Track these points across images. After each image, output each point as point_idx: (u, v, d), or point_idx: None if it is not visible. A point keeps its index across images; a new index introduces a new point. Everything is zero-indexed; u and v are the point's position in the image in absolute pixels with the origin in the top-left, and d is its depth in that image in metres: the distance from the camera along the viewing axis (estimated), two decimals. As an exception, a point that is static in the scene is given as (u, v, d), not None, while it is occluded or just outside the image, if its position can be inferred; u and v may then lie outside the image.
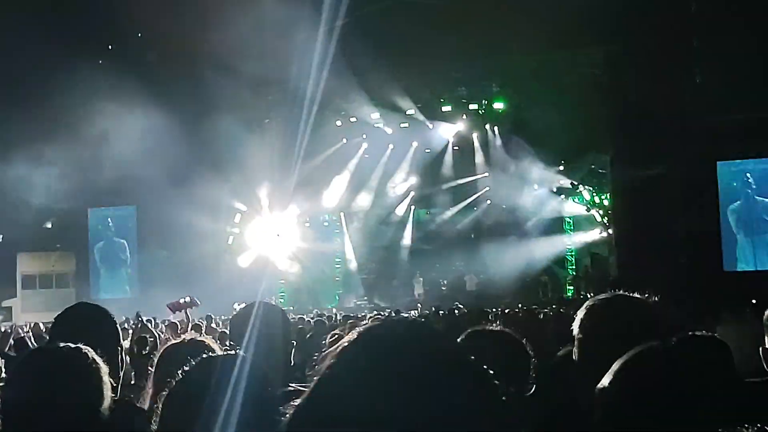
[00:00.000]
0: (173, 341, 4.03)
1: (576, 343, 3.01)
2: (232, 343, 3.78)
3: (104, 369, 2.84)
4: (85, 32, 24.39)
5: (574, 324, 3.04)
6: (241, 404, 2.32)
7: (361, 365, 1.38)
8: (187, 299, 16.42)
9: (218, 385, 2.35)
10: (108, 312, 3.82)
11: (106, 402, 2.85)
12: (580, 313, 3.03)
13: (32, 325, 16.75)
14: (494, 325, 5.03)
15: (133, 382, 7.88)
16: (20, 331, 15.31)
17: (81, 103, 24.83)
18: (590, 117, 26.03)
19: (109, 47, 26.50)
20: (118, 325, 3.75)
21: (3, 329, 17.90)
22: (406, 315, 13.50)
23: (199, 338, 4.01)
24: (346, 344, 1.44)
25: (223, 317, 19.67)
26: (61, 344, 2.87)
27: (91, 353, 2.84)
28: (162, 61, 25.98)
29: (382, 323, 1.48)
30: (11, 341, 14.27)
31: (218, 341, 4.19)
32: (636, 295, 3.17)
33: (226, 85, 25.55)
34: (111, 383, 2.89)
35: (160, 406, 2.49)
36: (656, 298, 3.31)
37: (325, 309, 27.55)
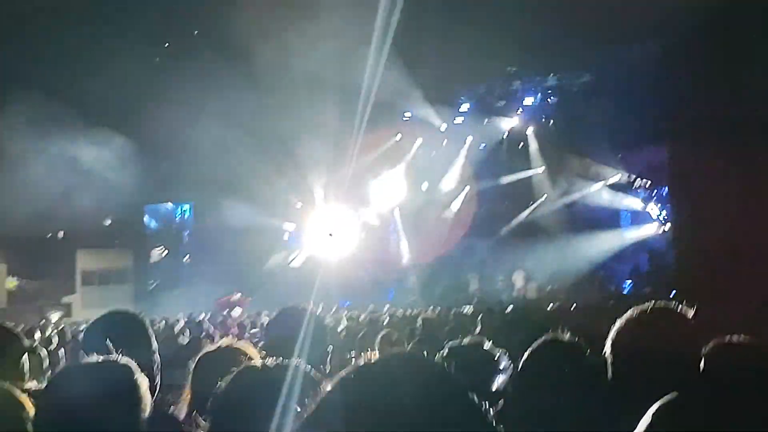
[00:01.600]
0: (209, 349, 4.02)
1: (609, 361, 2.94)
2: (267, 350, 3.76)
3: (145, 385, 2.81)
4: (143, 30, 24.62)
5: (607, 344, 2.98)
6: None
7: (350, 404, 1.36)
8: (237, 296, 16.60)
9: (268, 395, 2.33)
10: (140, 319, 3.82)
11: (145, 415, 2.83)
12: (612, 333, 2.97)
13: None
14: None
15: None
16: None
17: (139, 102, 25.10)
18: (647, 111, 25.74)
19: (166, 45, 26.72)
20: (150, 332, 3.75)
21: (62, 326, 18.27)
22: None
23: (235, 345, 4.01)
24: (339, 379, 1.42)
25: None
26: (103, 358, 2.85)
27: (134, 369, 2.81)
28: (218, 59, 26.14)
29: (378, 361, 1.46)
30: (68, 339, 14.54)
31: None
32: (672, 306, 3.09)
33: (283, 82, 25.68)
34: (148, 396, 2.86)
35: (205, 416, 2.47)
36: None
37: (380, 306, 27.61)
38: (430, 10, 24.05)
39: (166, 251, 34.04)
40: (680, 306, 3.13)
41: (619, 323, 3.00)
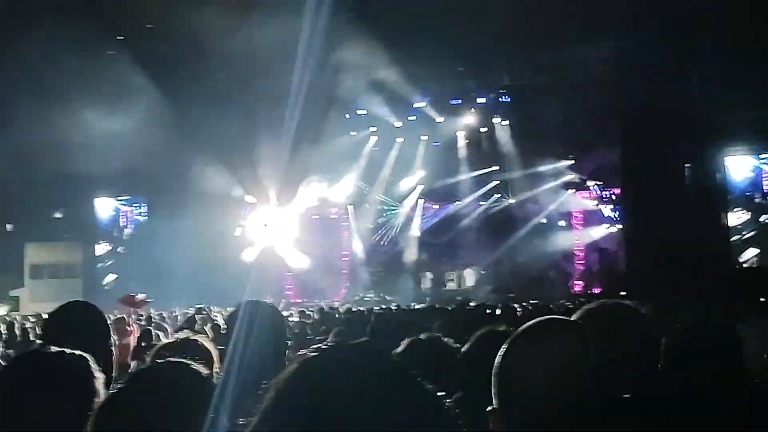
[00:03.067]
0: (165, 342, 3.99)
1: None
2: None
3: (101, 378, 2.76)
4: (96, 22, 24.31)
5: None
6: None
7: (299, 399, 1.33)
8: (142, 297, 16.49)
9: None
10: (100, 311, 3.77)
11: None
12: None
13: (38, 318, 16.71)
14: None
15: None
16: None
17: (89, 94, 24.81)
18: (599, 112, 25.97)
19: (118, 38, 26.41)
20: (109, 325, 3.70)
21: (9, 320, 18.01)
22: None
23: (192, 337, 3.98)
24: (285, 376, 1.38)
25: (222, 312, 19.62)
26: (59, 349, 2.79)
27: (91, 362, 2.76)
28: (171, 53, 25.92)
29: (323, 352, 1.42)
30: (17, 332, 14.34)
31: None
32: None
33: (234, 77, 25.55)
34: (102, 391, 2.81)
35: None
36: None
37: (333, 303, 27.58)
38: (385, 6, 24.03)
39: (112, 246, 33.68)
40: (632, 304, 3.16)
41: (574, 317, 3.00)
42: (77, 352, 2.75)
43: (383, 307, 21.23)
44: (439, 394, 1.40)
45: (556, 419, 2.02)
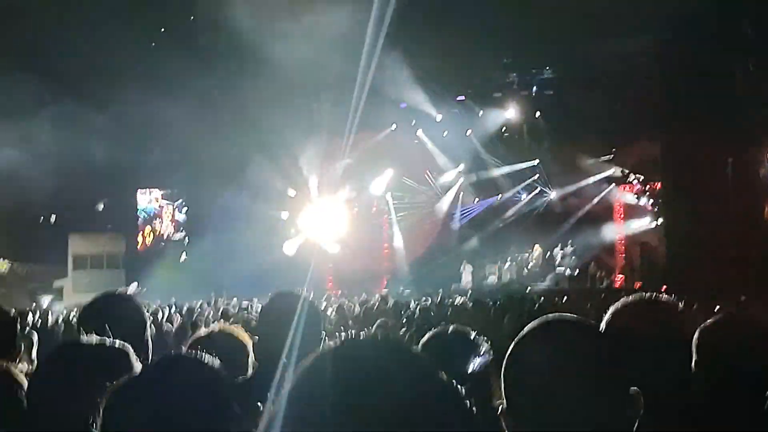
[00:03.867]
0: (201, 333, 4.03)
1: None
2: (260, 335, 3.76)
3: (139, 367, 2.78)
4: (139, 14, 24.48)
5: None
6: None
7: (315, 390, 1.35)
8: (133, 287, 16.59)
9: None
10: (135, 301, 3.80)
11: None
12: (603, 323, 2.97)
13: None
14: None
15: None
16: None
17: (133, 86, 25.00)
18: (641, 106, 25.77)
19: (162, 30, 26.58)
20: (146, 316, 3.74)
21: (53, 311, 18.28)
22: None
23: (228, 329, 4.02)
24: (304, 368, 1.41)
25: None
26: (99, 340, 2.82)
27: (130, 352, 2.78)
28: (214, 46, 26.05)
29: (340, 345, 1.44)
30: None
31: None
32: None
33: (277, 70, 25.62)
34: None
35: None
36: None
37: (373, 295, 27.63)
38: (428, 0, 24.01)
39: (153, 237, 33.96)
40: (670, 298, 3.14)
41: (609, 312, 3.01)
42: (117, 343, 2.79)
43: (426, 298, 21.31)
44: (455, 385, 1.42)
45: (560, 423, 2.02)
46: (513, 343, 2.21)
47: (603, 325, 2.94)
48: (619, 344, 2.33)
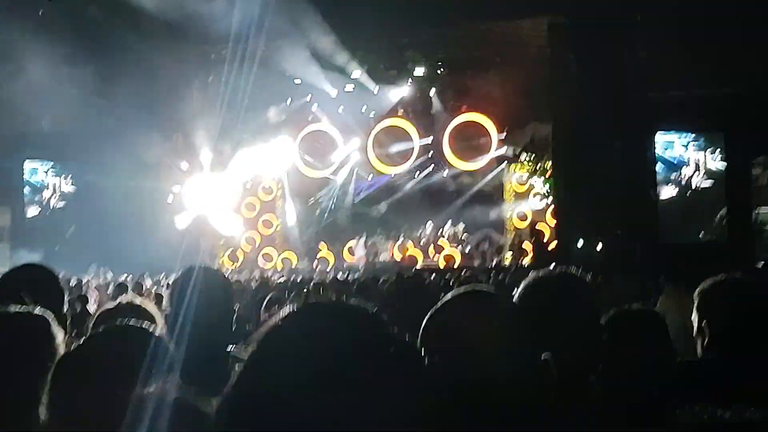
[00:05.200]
0: (109, 305, 3.98)
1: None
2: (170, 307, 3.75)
3: (60, 336, 2.77)
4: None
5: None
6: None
7: (286, 351, 1.37)
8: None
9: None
10: (54, 273, 3.77)
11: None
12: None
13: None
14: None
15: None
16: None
17: (17, 55, 24.26)
18: (533, 87, 26.23)
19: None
20: (62, 287, 3.70)
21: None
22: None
23: (136, 302, 3.98)
24: (268, 328, 1.42)
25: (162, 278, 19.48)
26: (19, 308, 2.78)
27: (51, 320, 2.76)
28: (103, 15, 25.44)
29: (308, 307, 1.46)
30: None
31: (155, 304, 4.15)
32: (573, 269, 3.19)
33: (169, 41, 25.20)
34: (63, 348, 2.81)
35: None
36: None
37: (266, 272, 27.58)
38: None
39: (40, 211, 32.97)
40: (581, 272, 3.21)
41: (522, 285, 3.07)
42: (38, 310, 2.76)
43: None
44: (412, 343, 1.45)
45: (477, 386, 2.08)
46: (436, 307, 2.28)
47: (516, 298, 3.00)
48: (531, 316, 2.41)
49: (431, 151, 31.63)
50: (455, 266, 27.55)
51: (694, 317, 3.65)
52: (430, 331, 2.24)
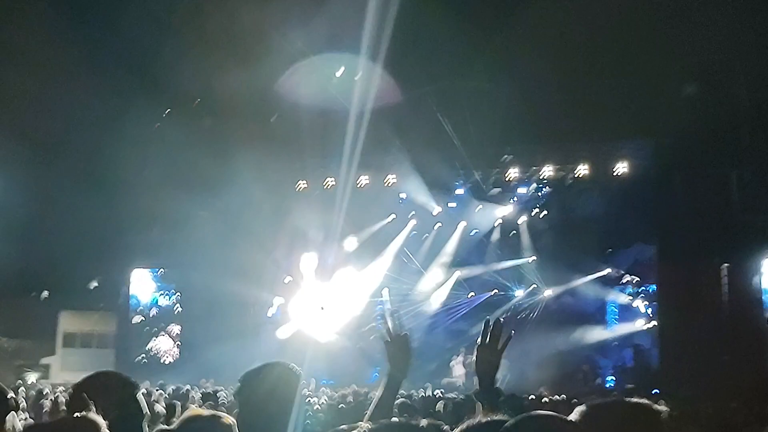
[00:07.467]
0: (193, 412, 3.97)
1: None
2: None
3: None
4: (144, 95, 24.67)
5: None
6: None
7: None
8: None
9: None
10: (129, 379, 3.79)
11: None
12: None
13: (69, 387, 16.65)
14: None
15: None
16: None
17: (131, 165, 25.11)
18: (637, 207, 25.96)
19: (166, 112, 26.81)
20: (140, 393, 3.72)
21: (39, 388, 18.05)
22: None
23: (220, 415, 3.97)
24: None
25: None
26: (75, 415, 2.81)
27: (102, 427, 2.77)
28: (218, 124, 26.23)
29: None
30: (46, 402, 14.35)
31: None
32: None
33: (274, 160, 25.79)
34: None
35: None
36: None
37: (364, 386, 27.34)
38: (430, 93, 24.29)
39: (145, 319, 33.60)
40: (656, 403, 3.11)
41: (584, 406, 2.99)
42: (91, 416, 2.78)
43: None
44: None
45: None
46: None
47: (577, 416, 2.92)
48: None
49: (532, 270, 31.32)
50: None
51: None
52: None
